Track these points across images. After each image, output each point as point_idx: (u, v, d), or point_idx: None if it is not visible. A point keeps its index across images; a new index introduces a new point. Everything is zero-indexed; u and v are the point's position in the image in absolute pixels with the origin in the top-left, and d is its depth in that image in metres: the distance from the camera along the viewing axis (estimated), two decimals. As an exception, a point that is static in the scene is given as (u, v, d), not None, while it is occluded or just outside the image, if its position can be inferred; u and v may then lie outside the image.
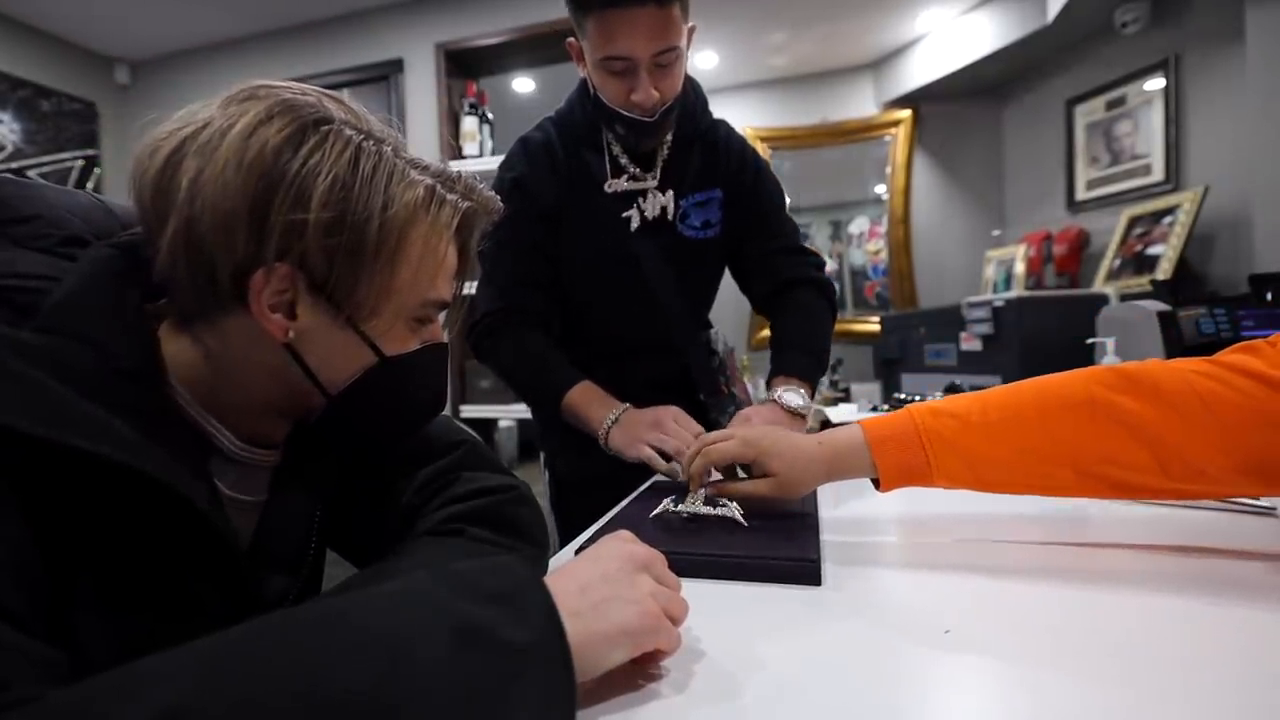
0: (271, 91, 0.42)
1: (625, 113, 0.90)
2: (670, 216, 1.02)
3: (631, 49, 0.84)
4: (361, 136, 0.43)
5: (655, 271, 1.00)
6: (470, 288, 0.60)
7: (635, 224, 1.00)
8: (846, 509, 0.75)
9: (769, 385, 0.98)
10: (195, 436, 0.44)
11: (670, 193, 1.01)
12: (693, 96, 1.03)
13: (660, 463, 0.83)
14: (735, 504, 0.63)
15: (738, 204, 1.06)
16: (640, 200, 1.00)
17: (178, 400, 0.44)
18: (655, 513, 0.64)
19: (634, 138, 0.95)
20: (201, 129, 0.40)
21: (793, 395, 0.92)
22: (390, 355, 0.46)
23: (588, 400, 0.92)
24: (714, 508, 0.63)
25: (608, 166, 1.00)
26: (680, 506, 0.64)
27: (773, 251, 1.07)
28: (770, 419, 0.89)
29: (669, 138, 1.01)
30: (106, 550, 0.36)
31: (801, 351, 0.99)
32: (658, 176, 1.01)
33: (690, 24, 0.91)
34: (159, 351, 0.43)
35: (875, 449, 0.59)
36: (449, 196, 0.47)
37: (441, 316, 0.52)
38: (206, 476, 0.43)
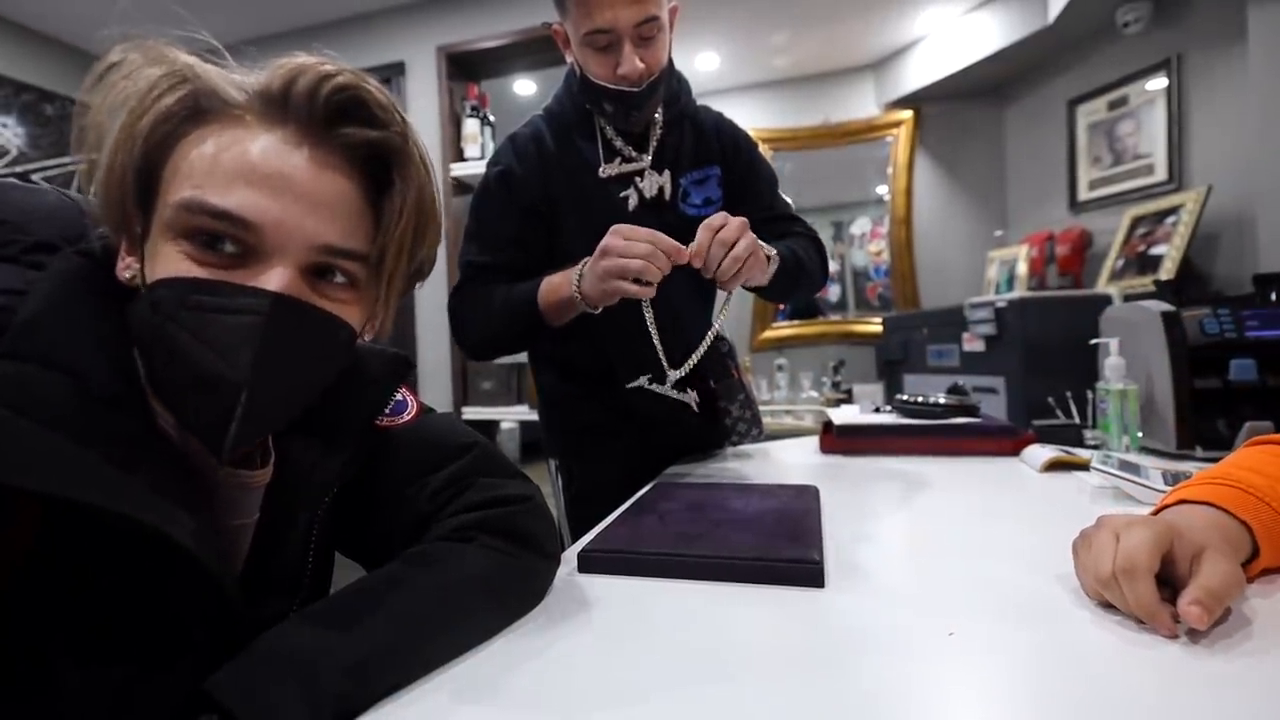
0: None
1: (612, 86, 0.92)
2: (669, 196, 1.03)
3: (612, 20, 0.87)
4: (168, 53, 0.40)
5: None
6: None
7: (633, 203, 1.01)
8: (849, 510, 0.75)
9: None
10: (180, 461, 0.41)
11: (667, 172, 1.03)
12: (676, 84, 1.04)
13: (630, 287, 0.76)
14: (694, 393, 0.88)
15: (734, 182, 1.07)
16: (637, 180, 1.01)
17: (160, 424, 0.41)
18: (631, 385, 0.85)
19: (624, 112, 0.95)
20: None
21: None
22: (158, 279, 0.38)
23: (554, 286, 0.88)
24: (677, 392, 0.84)
25: (601, 151, 1.01)
26: (654, 385, 0.84)
27: (766, 219, 1.07)
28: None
29: (659, 118, 1.02)
30: (83, 595, 0.34)
31: (779, 243, 0.96)
32: (651, 156, 1.02)
33: (672, 3, 0.94)
34: (138, 370, 0.40)
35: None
36: (178, 81, 0.40)
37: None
38: (192, 504, 0.38)
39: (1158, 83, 2.42)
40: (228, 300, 0.37)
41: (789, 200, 1.14)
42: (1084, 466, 0.90)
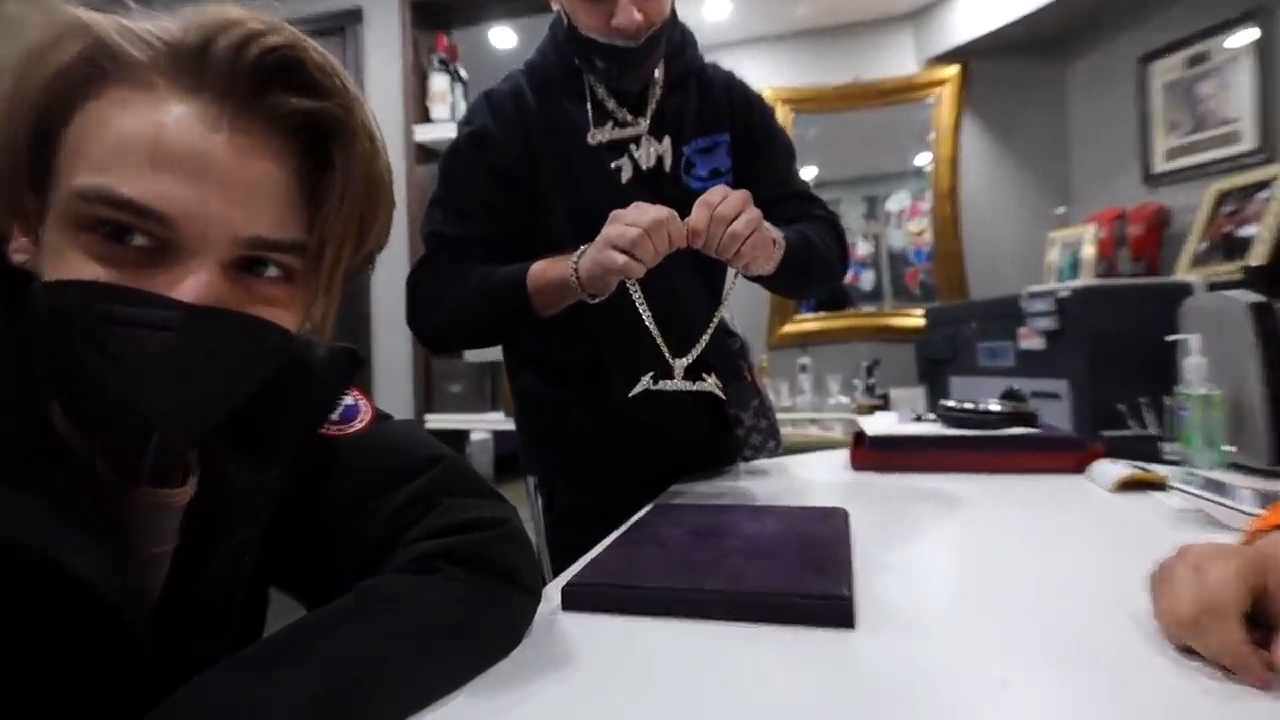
0: None
1: (605, 40, 0.92)
2: (669, 167, 1.03)
3: None
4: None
5: None
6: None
7: (627, 175, 1.01)
8: (885, 537, 0.75)
9: None
10: (84, 474, 0.40)
11: (667, 140, 1.03)
12: (679, 35, 1.05)
13: (617, 258, 0.77)
14: (714, 378, 0.79)
15: (746, 150, 1.07)
16: (633, 147, 1.01)
17: (58, 427, 0.40)
18: (634, 392, 0.77)
19: (617, 70, 0.96)
20: None
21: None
22: (57, 279, 0.38)
23: (544, 267, 0.89)
24: (693, 383, 0.77)
25: (590, 114, 1.01)
26: (661, 384, 0.77)
27: (781, 197, 1.06)
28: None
29: (659, 77, 1.02)
30: None
31: (790, 228, 0.96)
32: (649, 120, 1.02)
33: None
34: (32, 367, 0.39)
35: None
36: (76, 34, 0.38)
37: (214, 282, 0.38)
38: (99, 528, 0.37)
39: (1245, 35, 2.43)
40: (136, 311, 0.37)
41: (806, 178, 1.14)
42: (1161, 486, 0.90)
